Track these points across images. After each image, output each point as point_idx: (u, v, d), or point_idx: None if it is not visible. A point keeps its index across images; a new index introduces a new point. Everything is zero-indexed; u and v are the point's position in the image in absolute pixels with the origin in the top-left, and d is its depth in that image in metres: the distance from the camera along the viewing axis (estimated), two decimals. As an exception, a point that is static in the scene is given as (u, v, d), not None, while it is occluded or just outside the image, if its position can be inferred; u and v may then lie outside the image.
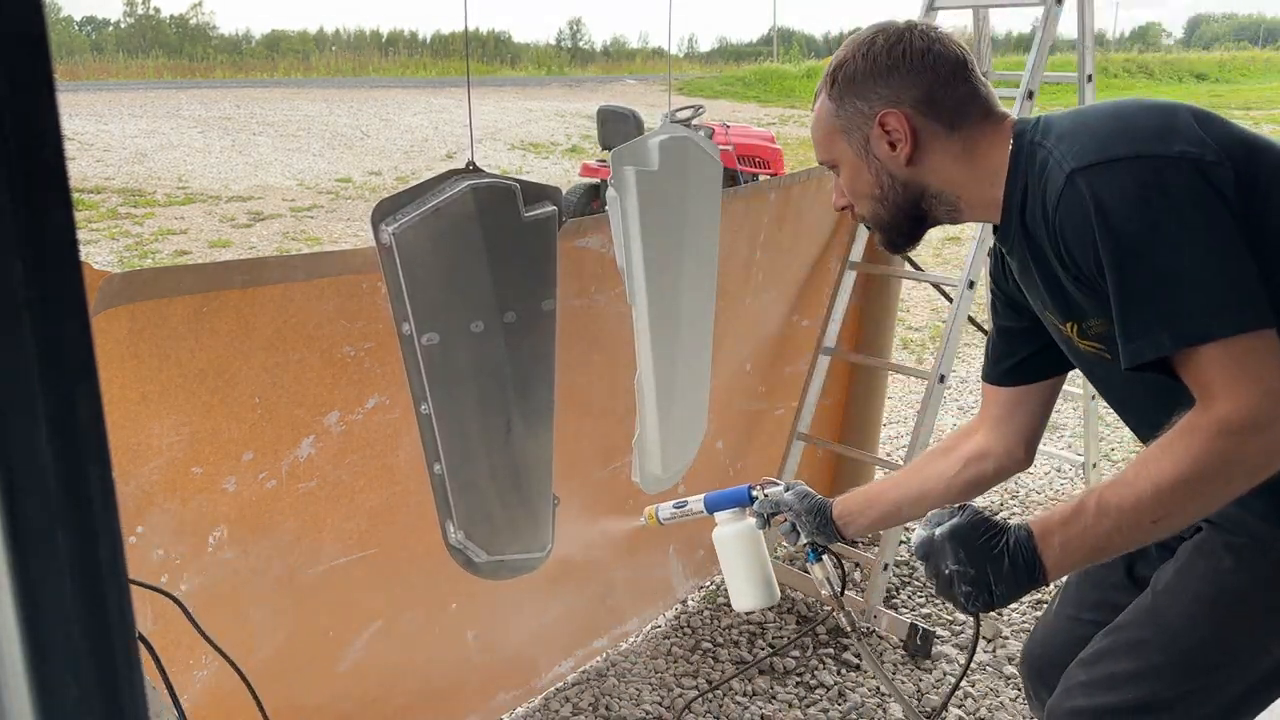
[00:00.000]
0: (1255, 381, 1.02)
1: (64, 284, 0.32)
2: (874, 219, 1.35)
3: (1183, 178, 1.07)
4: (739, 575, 1.58)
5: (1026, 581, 1.14)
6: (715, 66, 34.74)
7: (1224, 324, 1.03)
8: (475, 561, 1.77)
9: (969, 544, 1.16)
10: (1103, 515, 1.10)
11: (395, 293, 1.54)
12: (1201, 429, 1.04)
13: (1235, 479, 1.05)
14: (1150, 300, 1.07)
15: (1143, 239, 1.06)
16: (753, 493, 1.59)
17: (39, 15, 0.30)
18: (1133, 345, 1.09)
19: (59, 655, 0.33)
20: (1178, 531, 1.20)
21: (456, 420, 1.66)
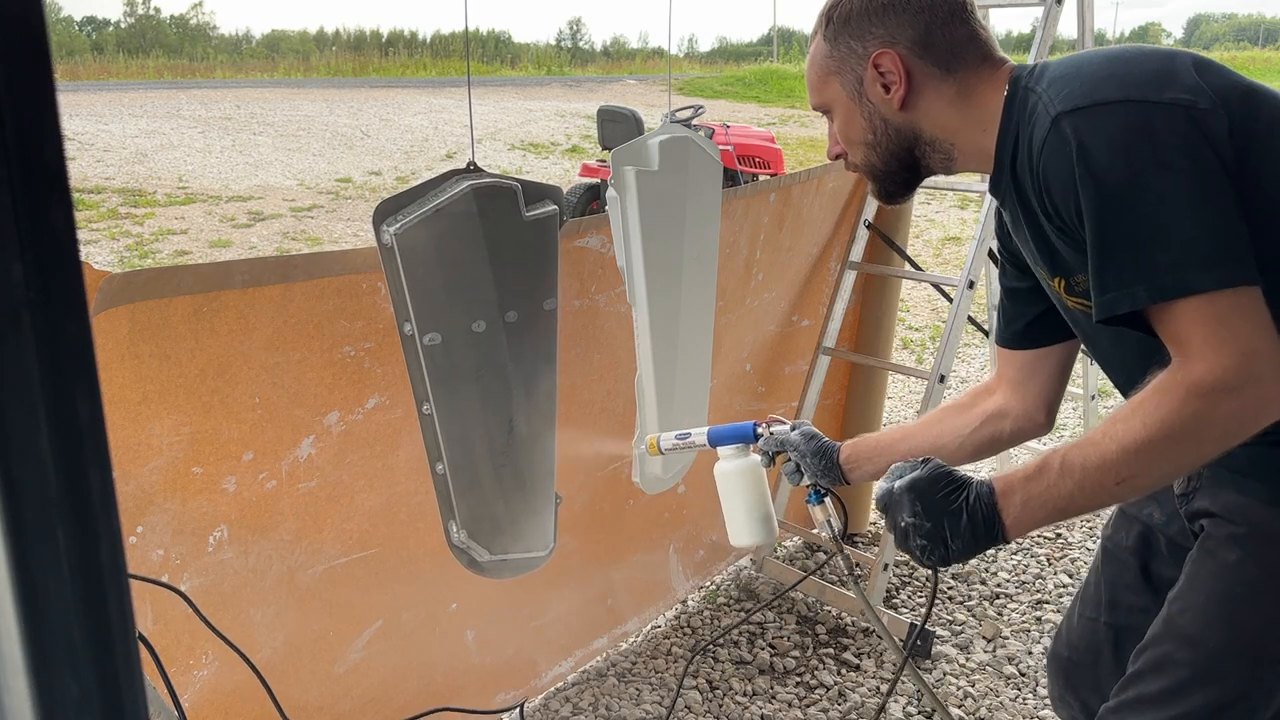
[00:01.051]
0: (1232, 341, 0.98)
1: (64, 284, 0.32)
2: (867, 167, 1.31)
3: (1172, 124, 1.02)
4: (739, 511, 1.54)
5: (985, 537, 1.11)
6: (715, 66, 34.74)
7: (1203, 278, 0.99)
8: (478, 561, 1.78)
9: (926, 497, 1.14)
10: (1066, 474, 1.07)
11: (397, 293, 1.54)
12: (1173, 389, 1.00)
13: (1206, 442, 1.02)
14: (1128, 250, 1.03)
15: (1125, 186, 1.02)
16: (758, 430, 1.55)
17: (39, 15, 0.30)
18: (1107, 297, 1.05)
19: (59, 655, 0.33)
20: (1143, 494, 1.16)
21: (459, 420, 1.66)
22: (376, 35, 45.08)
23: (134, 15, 47.30)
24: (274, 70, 26.68)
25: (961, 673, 2.54)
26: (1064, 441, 1.12)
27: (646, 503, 2.45)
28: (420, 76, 24.54)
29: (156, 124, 13.17)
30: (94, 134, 12.18)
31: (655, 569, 2.65)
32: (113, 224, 8.38)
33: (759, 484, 1.54)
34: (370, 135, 13.64)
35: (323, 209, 9.49)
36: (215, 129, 13.23)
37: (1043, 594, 2.91)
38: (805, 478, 1.53)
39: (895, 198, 1.35)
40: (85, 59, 27.11)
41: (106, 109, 13.93)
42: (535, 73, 29.40)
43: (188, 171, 10.79)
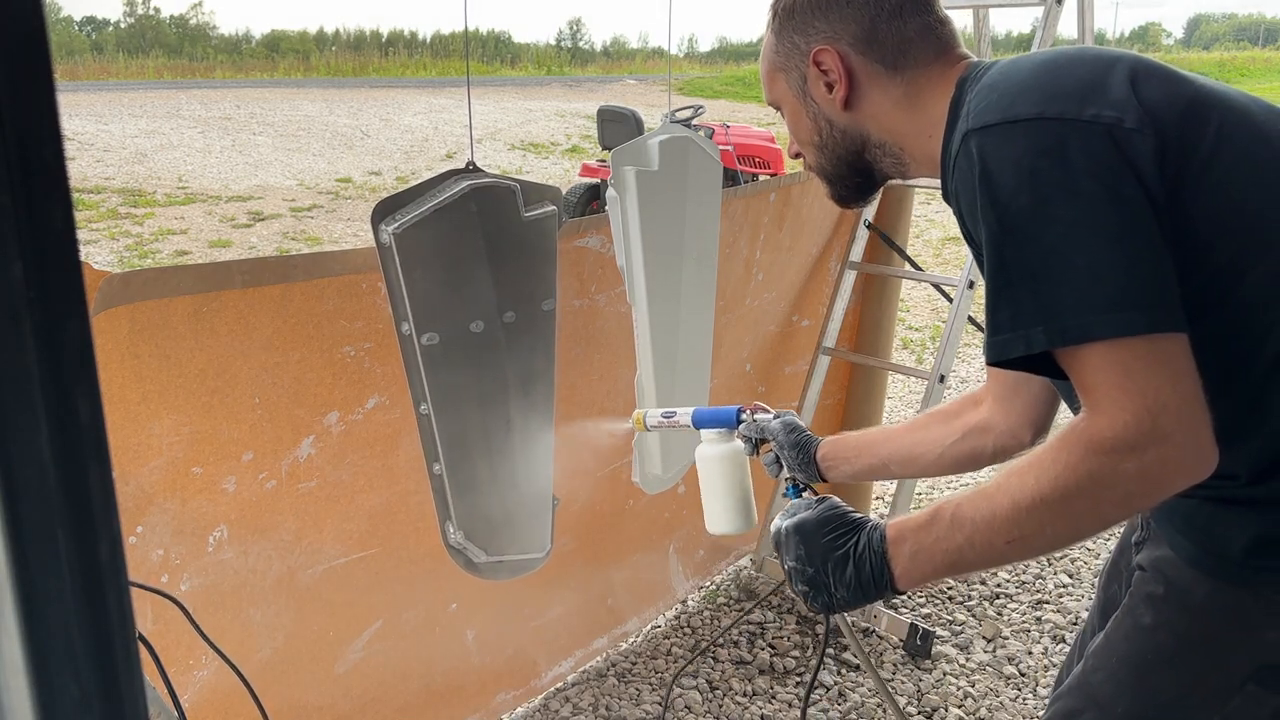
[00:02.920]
0: (1139, 394, 0.86)
1: (64, 284, 0.32)
2: (818, 169, 1.24)
3: (1089, 145, 0.90)
4: (717, 497, 1.50)
5: (872, 588, 1.02)
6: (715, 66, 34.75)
7: (1109, 322, 0.87)
8: (475, 562, 1.78)
9: (811, 541, 1.07)
10: (957, 528, 0.97)
11: (395, 293, 1.54)
12: (1074, 444, 0.89)
13: (1104, 504, 0.90)
14: (1026, 287, 0.91)
15: (1027, 215, 0.90)
16: (741, 415, 1.51)
17: (39, 15, 0.30)
18: (1000, 338, 0.93)
19: (59, 655, 0.33)
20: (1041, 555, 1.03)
21: (456, 420, 1.66)
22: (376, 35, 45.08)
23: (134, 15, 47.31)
24: (274, 70, 26.68)
25: (961, 673, 2.54)
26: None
27: (646, 503, 2.45)
28: (420, 76, 24.54)
29: (156, 124, 13.17)
30: (94, 134, 12.18)
31: (655, 569, 2.65)
32: (112, 224, 8.38)
33: (738, 471, 1.50)
34: (370, 135, 13.64)
35: (322, 209, 9.49)
36: (215, 129, 13.23)
37: (1043, 594, 2.91)
38: (785, 470, 1.49)
39: (850, 202, 1.28)
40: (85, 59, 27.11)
41: (106, 109, 13.93)
42: (535, 73, 29.40)
43: (187, 171, 10.79)
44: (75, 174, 9.99)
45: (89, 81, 19.61)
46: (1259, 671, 1.03)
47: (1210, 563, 1.04)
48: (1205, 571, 1.04)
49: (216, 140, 12.56)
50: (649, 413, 1.62)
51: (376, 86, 19.98)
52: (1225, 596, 1.03)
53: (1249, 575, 1.01)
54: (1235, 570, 1.02)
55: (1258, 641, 1.02)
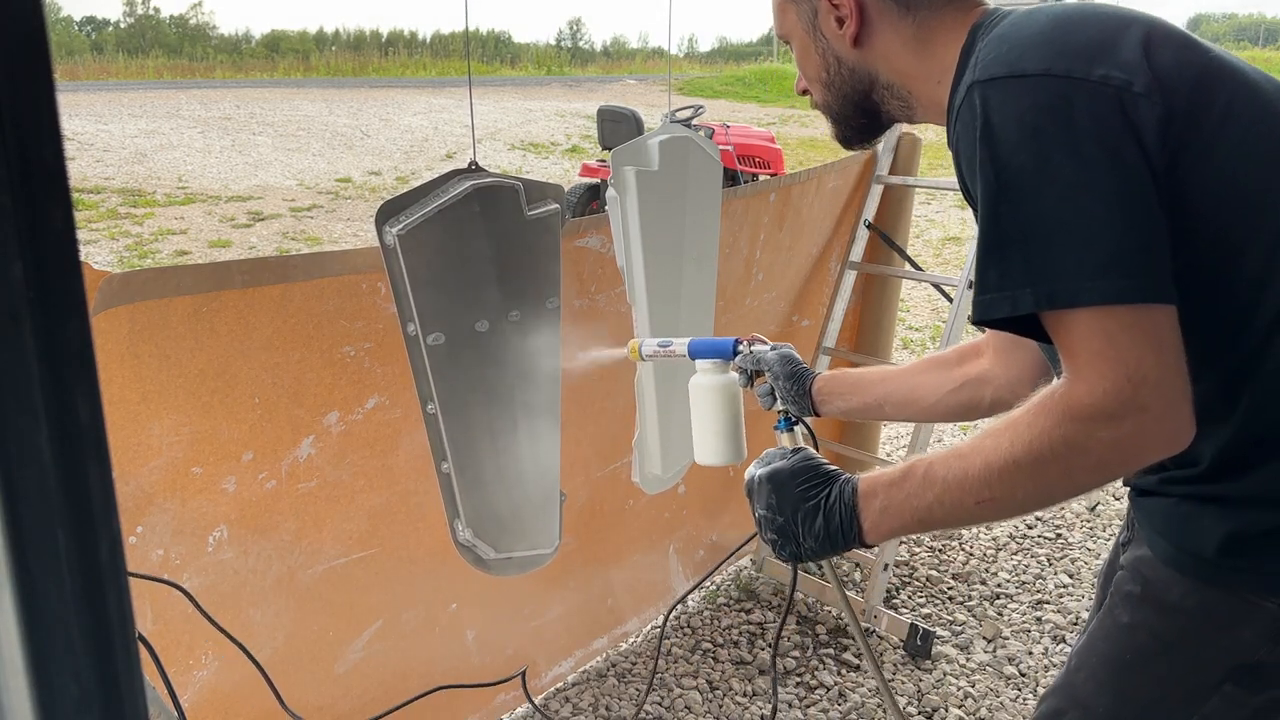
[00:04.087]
0: (1120, 363, 0.86)
1: (64, 284, 0.32)
2: (824, 107, 1.22)
3: (1095, 107, 0.89)
4: (708, 428, 1.48)
5: (840, 540, 1.03)
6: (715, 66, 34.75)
7: (1098, 288, 0.86)
8: (484, 559, 1.78)
9: (784, 490, 1.07)
10: (928, 485, 0.97)
11: (400, 293, 1.54)
12: (1051, 409, 0.89)
13: (1077, 471, 0.89)
14: (1018, 247, 0.90)
15: (1026, 174, 0.89)
16: (738, 346, 1.49)
17: (39, 15, 0.30)
18: (986, 297, 0.92)
19: (59, 655, 0.33)
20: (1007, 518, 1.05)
21: (463, 419, 1.67)
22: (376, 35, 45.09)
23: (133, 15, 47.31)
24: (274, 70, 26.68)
25: (962, 673, 2.54)
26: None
27: (646, 503, 2.45)
28: (420, 76, 24.55)
29: (156, 124, 13.17)
30: (93, 134, 12.18)
31: (655, 569, 2.65)
32: (112, 224, 8.38)
33: (732, 403, 1.48)
34: (370, 135, 13.64)
35: (322, 209, 9.49)
36: (215, 129, 13.23)
37: (1043, 594, 2.91)
38: (779, 402, 1.47)
39: (853, 143, 1.25)
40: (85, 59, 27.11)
41: (106, 109, 13.93)
42: (535, 73, 29.41)
43: (187, 171, 10.79)
44: (75, 174, 9.99)
45: (89, 81, 19.62)
46: (1235, 671, 1.03)
47: (1185, 562, 1.04)
48: (1180, 571, 1.04)
49: (216, 140, 12.56)
50: (645, 342, 1.60)
51: (376, 86, 19.98)
52: (1200, 596, 1.03)
53: (1223, 574, 1.01)
54: (1209, 569, 1.02)
55: (1232, 640, 1.02)
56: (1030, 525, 3.35)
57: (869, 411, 1.46)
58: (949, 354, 1.39)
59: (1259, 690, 1.03)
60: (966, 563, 3.09)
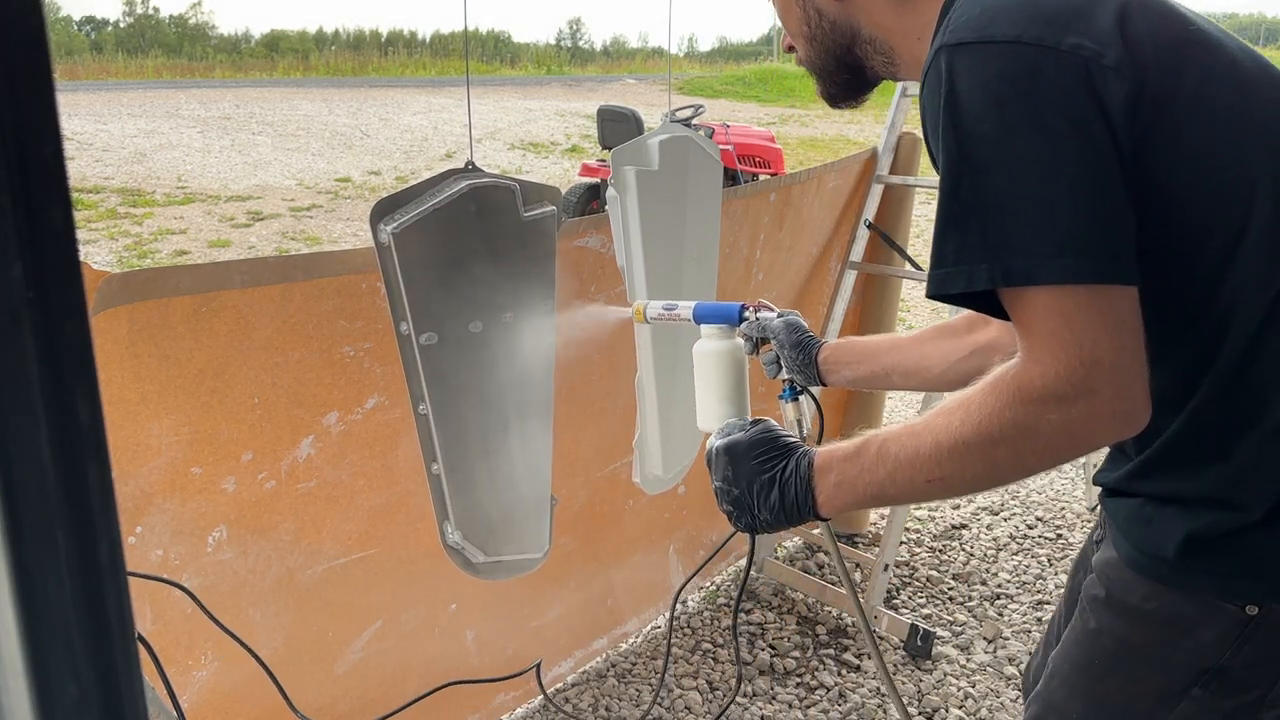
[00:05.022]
0: (1074, 345, 0.84)
1: (63, 284, 0.32)
2: (808, 62, 1.19)
3: (1063, 79, 0.86)
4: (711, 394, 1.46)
5: (794, 513, 1.03)
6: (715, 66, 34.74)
7: (1055, 267, 0.84)
8: (473, 562, 1.78)
9: (739, 462, 1.06)
10: (881, 462, 0.96)
11: (394, 293, 1.54)
12: (1002, 389, 0.88)
13: (1026, 454, 0.88)
14: (977, 220, 0.87)
15: (988, 144, 0.86)
16: (744, 312, 1.47)
17: (39, 15, 0.30)
18: (942, 271, 0.90)
19: (59, 655, 0.33)
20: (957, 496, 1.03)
21: (455, 420, 1.66)
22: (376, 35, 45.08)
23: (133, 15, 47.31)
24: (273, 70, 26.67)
25: (962, 673, 2.54)
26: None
27: (646, 503, 2.45)
28: (420, 76, 24.54)
29: (155, 124, 13.17)
30: (93, 134, 12.18)
31: (655, 569, 2.65)
32: (112, 224, 8.38)
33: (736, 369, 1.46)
34: (369, 135, 13.64)
35: (322, 209, 9.49)
36: (214, 129, 13.23)
37: (1043, 595, 2.91)
38: (783, 371, 1.45)
39: (839, 100, 1.22)
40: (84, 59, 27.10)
41: (105, 109, 13.93)
42: (535, 72, 29.40)
43: (187, 171, 10.79)
44: (74, 174, 9.99)
45: (88, 81, 19.61)
46: (1202, 676, 1.02)
47: (1146, 564, 1.03)
48: (1142, 573, 1.03)
49: (216, 140, 12.56)
50: (650, 304, 1.58)
51: (376, 86, 19.98)
52: (1161, 599, 1.03)
53: (1182, 577, 1.00)
54: (1169, 572, 1.01)
55: (1196, 644, 1.01)
56: (1031, 525, 3.35)
57: (876, 381, 1.44)
58: (957, 321, 1.37)
59: (1228, 695, 1.02)
60: (967, 563, 3.09)
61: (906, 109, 2.88)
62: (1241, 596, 0.98)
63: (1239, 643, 0.99)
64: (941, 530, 3.31)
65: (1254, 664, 1.00)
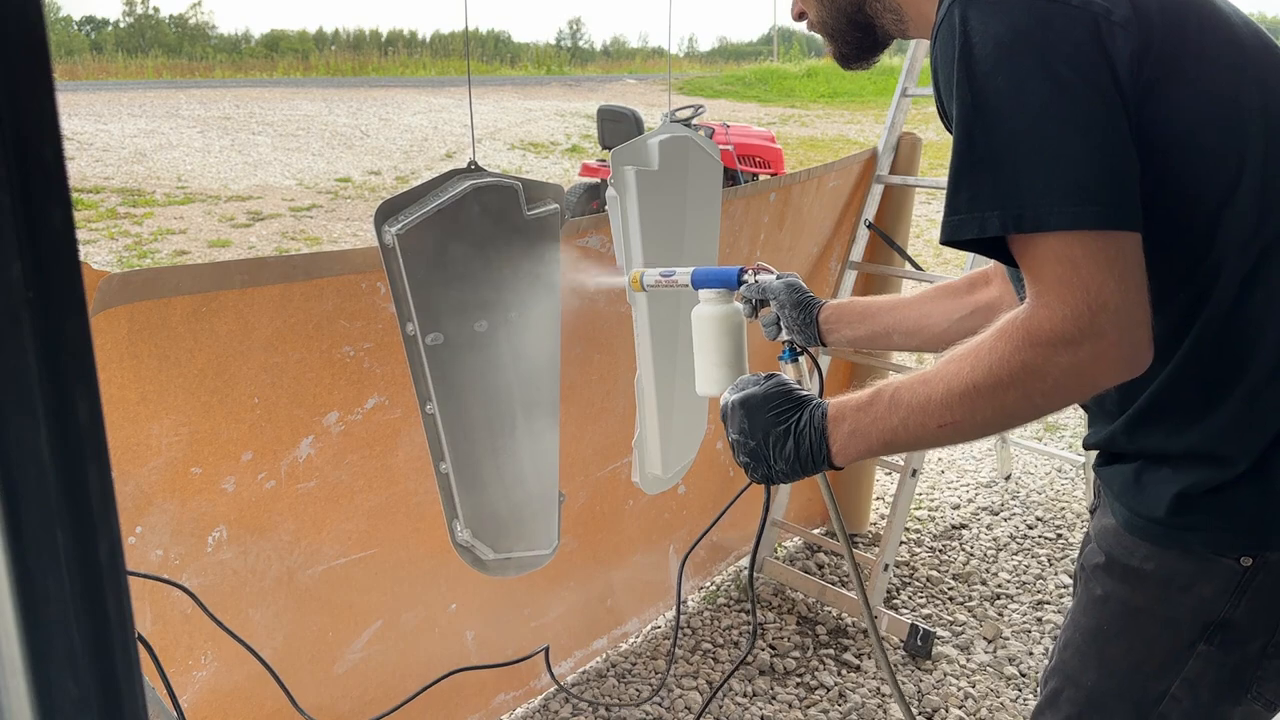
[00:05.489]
0: (1082, 289, 0.87)
1: (63, 284, 0.32)
2: (819, 24, 1.21)
3: (1073, 33, 0.89)
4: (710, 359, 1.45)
5: (809, 463, 1.06)
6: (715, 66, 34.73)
7: (1066, 214, 0.87)
8: (483, 559, 1.78)
9: (756, 415, 1.09)
10: (894, 409, 0.99)
11: (399, 293, 1.54)
12: (1011, 334, 0.91)
13: (1035, 395, 0.92)
14: (989, 169, 0.91)
15: (1001, 96, 0.90)
16: (743, 276, 1.46)
17: (39, 15, 0.30)
18: (955, 218, 0.94)
19: (59, 655, 0.33)
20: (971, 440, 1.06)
21: (462, 419, 1.66)
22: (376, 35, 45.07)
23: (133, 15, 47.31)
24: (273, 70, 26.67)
25: (962, 673, 2.54)
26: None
27: (646, 503, 2.45)
28: (420, 76, 24.55)
29: (155, 124, 13.17)
30: (93, 133, 12.18)
31: (655, 569, 2.65)
32: (112, 224, 8.38)
33: (734, 334, 1.45)
34: (369, 135, 13.64)
35: (322, 209, 9.49)
36: (214, 129, 13.23)
37: (1044, 595, 2.91)
38: (784, 332, 1.46)
39: (851, 61, 1.24)
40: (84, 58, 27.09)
41: (105, 108, 13.93)
42: (535, 72, 29.40)
43: (187, 171, 10.79)
44: (74, 174, 9.99)
45: (88, 81, 19.61)
46: (1206, 630, 1.04)
47: (1141, 526, 1.06)
48: (1139, 535, 1.06)
49: (216, 140, 12.56)
50: (646, 272, 1.58)
51: (376, 86, 19.98)
52: (1158, 559, 1.05)
53: (1175, 535, 1.03)
54: (1162, 531, 1.04)
55: (1197, 600, 1.04)
56: (1031, 526, 3.35)
57: (876, 340, 1.46)
58: (959, 282, 1.40)
59: (1233, 647, 1.04)
60: (967, 563, 3.09)
61: (907, 109, 2.88)
62: (1235, 549, 1.01)
63: (1237, 594, 1.02)
64: (941, 530, 3.31)
65: (1254, 613, 1.02)
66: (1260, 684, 1.05)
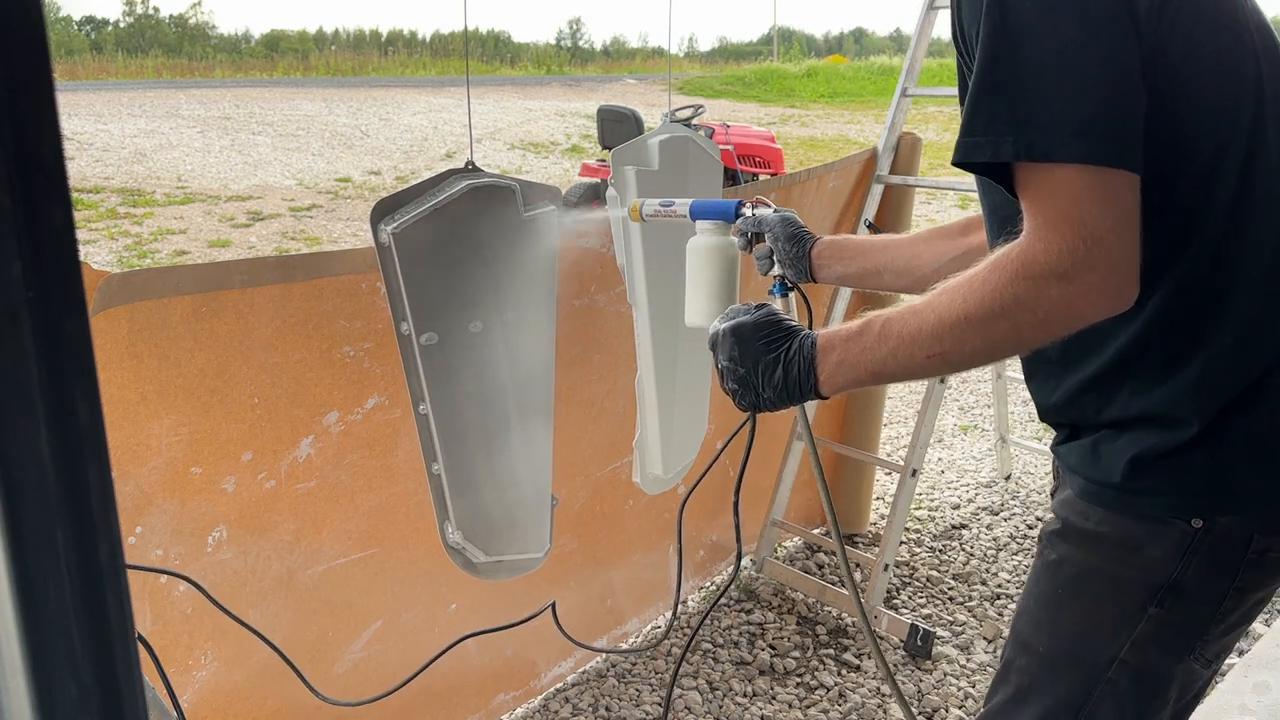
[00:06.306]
0: (1080, 224, 0.88)
1: (63, 284, 0.32)
2: None
3: None
4: (701, 290, 1.45)
5: (797, 391, 1.07)
6: (715, 66, 34.74)
7: (1075, 146, 0.89)
8: (474, 562, 1.77)
9: (746, 343, 1.10)
10: (884, 339, 1.01)
11: (394, 293, 1.54)
12: (1006, 266, 0.92)
13: (1022, 328, 0.93)
14: (1009, 93, 0.92)
15: (1029, 21, 0.91)
16: (741, 209, 1.47)
17: (39, 15, 0.30)
18: (971, 140, 0.94)
19: (58, 656, 0.33)
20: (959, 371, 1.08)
21: (455, 420, 1.66)
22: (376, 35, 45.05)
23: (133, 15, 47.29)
24: (273, 70, 26.67)
25: (962, 673, 2.54)
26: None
27: (646, 503, 2.45)
28: (420, 76, 24.54)
29: (155, 124, 13.17)
30: (93, 133, 12.18)
31: (655, 569, 2.65)
32: (111, 224, 8.37)
33: (728, 266, 1.45)
34: (369, 135, 13.64)
35: (322, 209, 9.49)
36: (214, 129, 13.23)
37: (1042, 594, 2.91)
38: (776, 267, 1.47)
39: None
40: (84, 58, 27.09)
41: (105, 108, 13.93)
42: (535, 72, 29.39)
43: (187, 171, 10.79)
44: (74, 173, 9.99)
45: (88, 81, 19.61)
46: (1156, 593, 1.06)
47: (1096, 492, 1.08)
48: (1094, 501, 1.09)
49: (215, 140, 12.56)
50: (646, 202, 1.59)
51: (376, 86, 19.97)
52: (1111, 523, 1.08)
53: (1128, 499, 1.06)
54: (1115, 495, 1.07)
55: (1146, 561, 1.06)
56: (1031, 526, 3.35)
57: (866, 279, 1.46)
58: (953, 224, 1.41)
59: (1182, 612, 1.06)
60: (967, 563, 3.09)
61: (907, 109, 2.88)
62: (1186, 511, 1.04)
63: (1187, 556, 1.04)
64: (941, 530, 3.31)
65: (1203, 576, 1.05)
66: (1203, 645, 1.08)
